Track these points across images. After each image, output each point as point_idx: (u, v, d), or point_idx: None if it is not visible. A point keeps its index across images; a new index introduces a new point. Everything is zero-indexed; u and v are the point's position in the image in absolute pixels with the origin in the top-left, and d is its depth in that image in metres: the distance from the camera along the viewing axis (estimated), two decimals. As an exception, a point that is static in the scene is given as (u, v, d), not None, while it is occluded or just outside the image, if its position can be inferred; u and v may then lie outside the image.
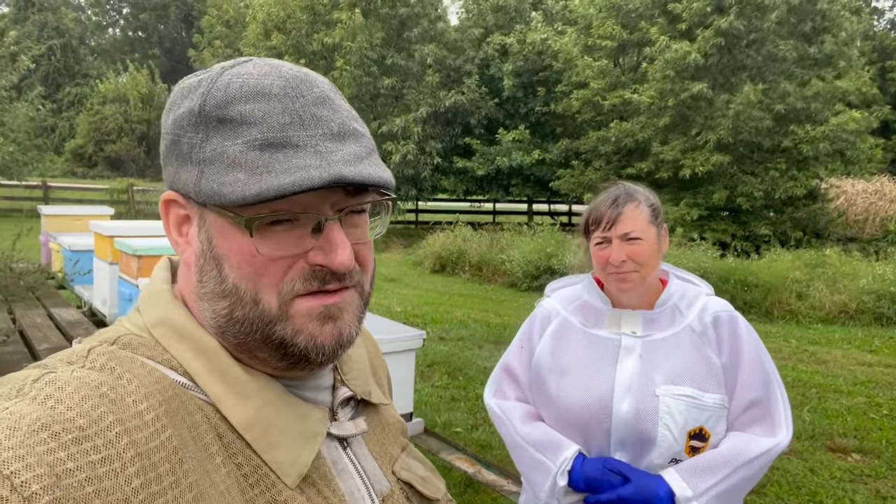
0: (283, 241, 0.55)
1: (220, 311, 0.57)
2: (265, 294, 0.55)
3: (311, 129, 0.54)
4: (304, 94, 0.55)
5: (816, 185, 14.14)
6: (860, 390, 5.35)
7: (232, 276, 0.56)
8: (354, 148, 0.56)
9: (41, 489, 0.42)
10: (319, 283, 0.56)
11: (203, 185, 0.55)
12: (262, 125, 0.53)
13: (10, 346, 4.17)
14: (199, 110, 0.55)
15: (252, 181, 0.52)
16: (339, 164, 0.53)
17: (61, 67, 33.29)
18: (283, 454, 0.57)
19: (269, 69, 0.56)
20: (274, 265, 0.55)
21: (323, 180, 0.51)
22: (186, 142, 0.56)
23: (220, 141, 0.54)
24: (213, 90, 0.55)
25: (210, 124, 0.55)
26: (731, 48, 13.63)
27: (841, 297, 8.32)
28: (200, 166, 0.55)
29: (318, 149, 0.53)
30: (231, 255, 0.56)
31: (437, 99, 16.57)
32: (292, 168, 0.52)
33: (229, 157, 0.53)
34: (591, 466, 1.37)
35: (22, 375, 0.51)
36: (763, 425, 1.36)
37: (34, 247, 8.09)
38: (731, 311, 1.43)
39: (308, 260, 0.56)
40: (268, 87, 0.54)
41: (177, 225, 0.61)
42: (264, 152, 0.53)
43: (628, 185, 1.48)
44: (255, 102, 0.54)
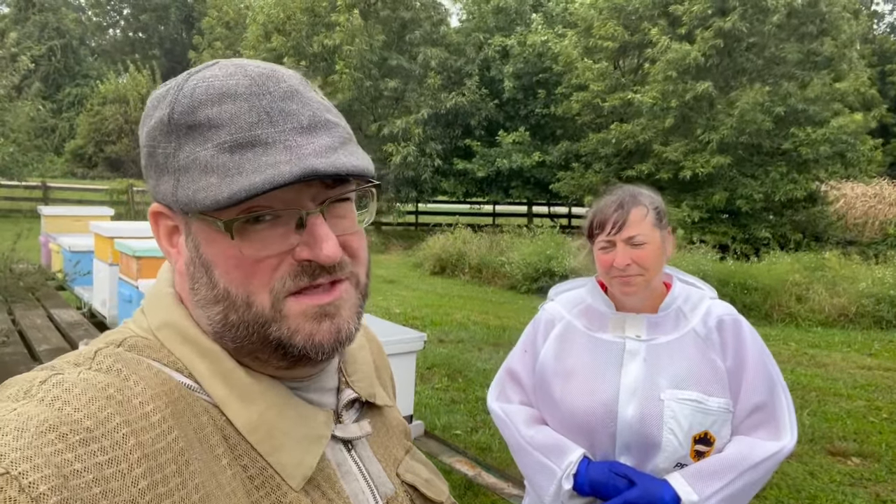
0: (267, 240, 0.55)
1: (214, 317, 0.57)
2: (257, 296, 0.55)
3: (280, 125, 0.54)
4: (271, 90, 0.55)
5: (816, 187, 14.16)
6: (860, 394, 5.35)
7: (222, 281, 0.56)
8: (326, 139, 0.55)
9: (49, 490, 0.42)
10: (309, 278, 0.56)
11: (179, 194, 0.54)
12: (230, 126, 0.53)
13: (10, 346, 4.17)
14: (169, 119, 0.55)
15: (224, 184, 0.51)
16: (309, 156, 0.52)
17: (62, 68, 33.30)
18: (288, 457, 0.57)
19: (235, 69, 0.56)
20: (261, 265, 0.55)
21: (293, 175, 0.51)
22: (161, 152, 0.56)
23: (192, 147, 0.54)
24: (179, 97, 0.55)
25: (181, 132, 0.54)
26: (730, 51, 13.65)
27: (840, 300, 8.32)
28: (176, 175, 0.55)
29: (288, 144, 0.53)
30: (218, 260, 0.56)
31: (438, 101, 16.58)
32: (262, 166, 0.51)
33: (201, 162, 0.53)
34: (596, 470, 1.36)
35: (29, 377, 0.51)
36: (768, 429, 1.36)
37: (34, 247, 8.09)
38: (735, 315, 1.43)
39: (295, 256, 0.55)
40: (233, 87, 0.54)
41: (167, 236, 0.61)
42: (234, 153, 0.52)
43: (633, 188, 1.47)
44: (222, 104, 0.53)
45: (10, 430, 0.44)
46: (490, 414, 1.60)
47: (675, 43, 13.25)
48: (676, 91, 13.28)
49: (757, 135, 13.15)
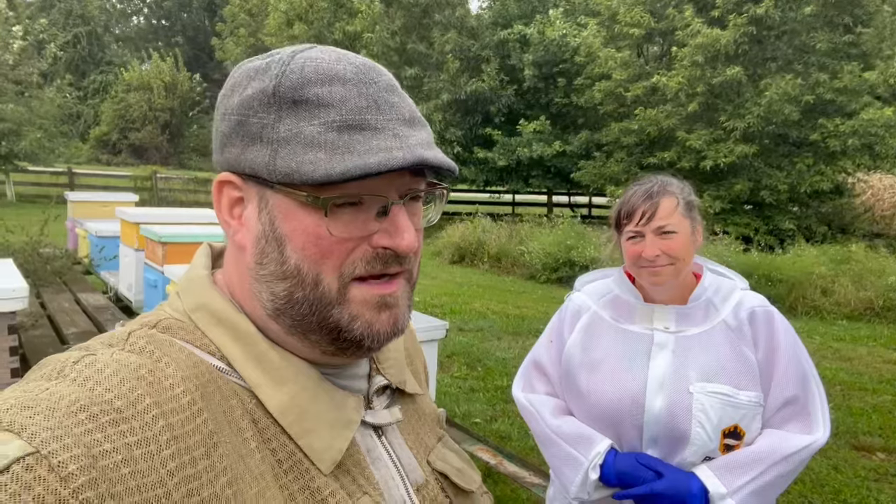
0: (351, 224, 0.56)
1: (279, 293, 0.57)
2: (326, 276, 0.56)
3: (387, 114, 0.55)
4: (376, 80, 0.57)
5: (843, 179, 13.87)
6: (886, 388, 5.26)
7: (294, 257, 0.56)
8: (425, 135, 0.58)
9: (78, 469, 0.42)
10: (382, 265, 0.57)
11: (279, 164, 0.54)
12: (339, 108, 0.54)
13: (39, 329, 4.26)
14: (273, 91, 0.55)
15: (335, 160, 0.52)
16: (417, 147, 0.55)
17: (86, 55, 33.69)
18: (318, 440, 0.57)
19: (339, 56, 0.57)
20: (339, 247, 0.56)
21: (406, 161, 0.53)
22: (256, 122, 0.56)
23: (294, 122, 0.54)
24: (287, 72, 0.55)
25: (284, 105, 0.55)
26: (760, 39, 13.39)
27: (867, 293, 8.17)
28: (273, 146, 0.55)
29: (396, 132, 0.55)
30: (295, 235, 0.56)
31: (457, 86, 16.50)
32: (374, 149, 0.53)
33: (307, 137, 0.54)
34: (623, 461, 1.35)
35: (63, 357, 0.51)
36: (799, 423, 1.33)
37: (61, 232, 8.22)
38: (768, 307, 1.40)
39: (372, 243, 0.56)
40: (342, 71, 0.55)
41: (229, 206, 0.61)
42: (343, 133, 0.53)
43: (662, 177, 1.44)
44: (332, 86, 0.55)
45: (41, 410, 0.44)
46: (515, 403, 1.59)
47: (706, 28, 13.02)
48: (704, 76, 13.05)
49: (784, 125, 12.90)
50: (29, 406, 0.45)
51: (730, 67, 12.70)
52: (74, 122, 29.58)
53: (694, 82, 13.20)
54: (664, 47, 15.64)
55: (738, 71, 12.58)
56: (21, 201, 16.89)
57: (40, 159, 17.54)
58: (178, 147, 29.76)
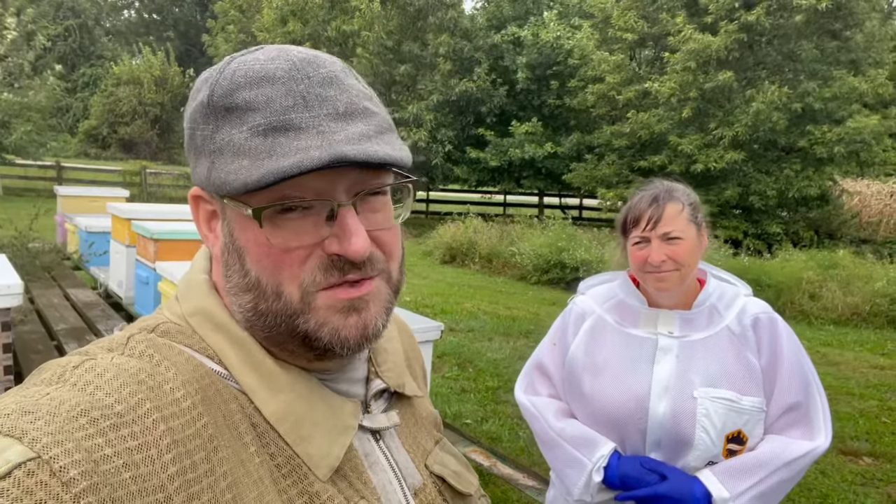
0: (298, 231, 0.54)
1: (245, 305, 0.57)
2: (287, 287, 0.55)
3: (315, 110, 0.53)
4: (310, 75, 0.54)
5: (830, 186, 14.00)
6: (872, 393, 5.32)
7: (254, 269, 0.55)
8: (361, 127, 0.54)
9: (79, 474, 0.42)
10: (339, 273, 0.55)
11: (213, 176, 0.54)
12: (265, 110, 0.52)
13: (28, 325, 4.21)
14: (208, 101, 0.55)
15: (254, 167, 0.51)
16: (341, 143, 0.51)
17: (76, 48, 33.38)
18: (315, 447, 0.57)
19: (277, 53, 0.55)
20: (290, 256, 0.54)
21: (322, 160, 0.49)
22: (200, 134, 0.56)
23: (227, 130, 0.53)
24: (220, 80, 0.55)
25: (219, 114, 0.54)
26: (752, 45, 13.49)
27: (854, 299, 8.25)
28: (211, 157, 0.55)
29: (321, 129, 0.52)
30: (250, 247, 0.55)
31: (448, 87, 16.53)
32: (293, 150, 0.50)
33: (235, 145, 0.53)
34: (627, 464, 1.36)
35: (63, 362, 0.51)
36: (801, 429, 1.35)
37: (50, 227, 8.14)
38: (771, 313, 1.41)
39: (324, 249, 0.54)
40: (272, 71, 0.53)
41: (206, 220, 0.61)
42: (267, 137, 0.52)
43: (668, 182, 1.45)
44: (259, 88, 0.53)
45: (42, 415, 0.44)
46: (507, 401, 1.59)
47: (698, 33, 13.10)
48: (696, 82, 13.13)
49: (772, 132, 13.01)
50: (30, 411, 0.45)
51: (721, 73, 12.79)
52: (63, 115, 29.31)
53: (686, 87, 13.28)
54: (657, 52, 15.72)
55: (729, 76, 12.67)
56: (8, 194, 16.70)
57: (30, 153, 17.36)
58: (167, 142, 29.53)
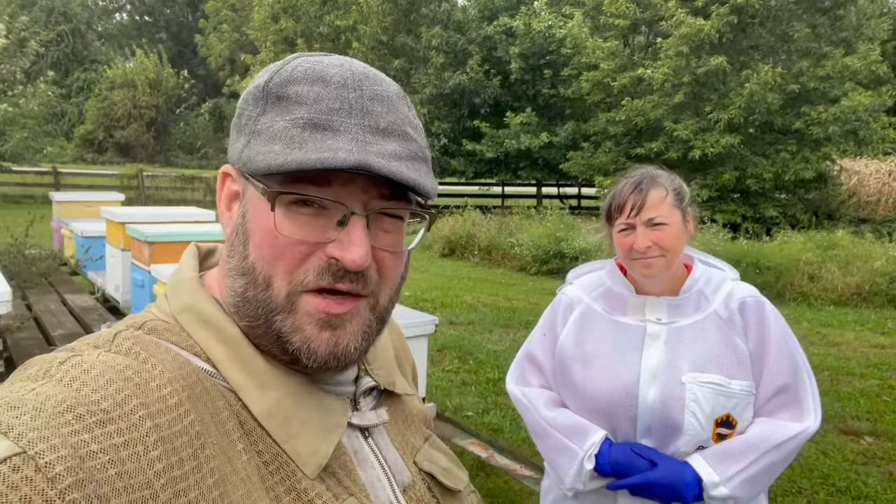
0: (307, 226, 0.55)
1: (237, 289, 0.57)
2: (277, 279, 0.55)
3: (357, 119, 0.54)
4: (364, 87, 0.56)
5: (827, 166, 13.97)
6: (873, 373, 5.32)
7: (253, 254, 0.56)
8: (397, 147, 0.55)
9: (65, 470, 0.42)
10: (332, 278, 0.55)
11: (244, 154, 0.56)
12: (311, 106, 0.54)
13: (25, 331, 4.22)
14: (264, 86, 0.57)
15: (283, 153, 0.53)
16: (371, 154, 0.52)
17: (69, 53, 33.29)
18: (303, 445, 0.57)
19: (342, 62, 0.58)
20: (292, 249, 0.55)
21: (346, 163, 0.50)
22: (247, 114, 0.58)
23: (272, 116, 0.56)
24: (281, 70, 0.58)
25: (269, 100, 0.57)
26: (744, 27, 13.43)
27: (854, 279, 8.25)
28: (249, 137, 0.57)
29: (357, 137, 0.53)
30: (256, 231, 0.56)
31: (442, 80, 16.49)
32: (323, 147, 0.52)
33: (274, 130, 0.55)
34: (618, 451, 1.37)
35: (49, 358, 0.51)
36: (791, 411, 1.35)
37: (46, 233, 8.14)
38: (758, 297, 1.41)
39: (326, 251, 0.55)
40: (331, 74, 0.56)
41: (228, 199, 0.62)
42: (305, 131, 0.53)
43: (651, 169, 1.45)
44: (313, 85, 0.55)
45: (27, 410, 0.44)
46: (506, 395, 1.60)
47: (690, 17, 13.05)
48: (689, 66, 13.09)
49: (767, 113, 12.97)
50: (15, 406, 0.44)
51: (714, 57, 12.75)
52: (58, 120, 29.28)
53: (680, 72, 13.24)
54: (650, 37, 15.66)
55: (721, 60, 12.63)
56: (5, 202, 16.70)
57: (26, 159, 17.35)
58: (164, 144, 29.50)
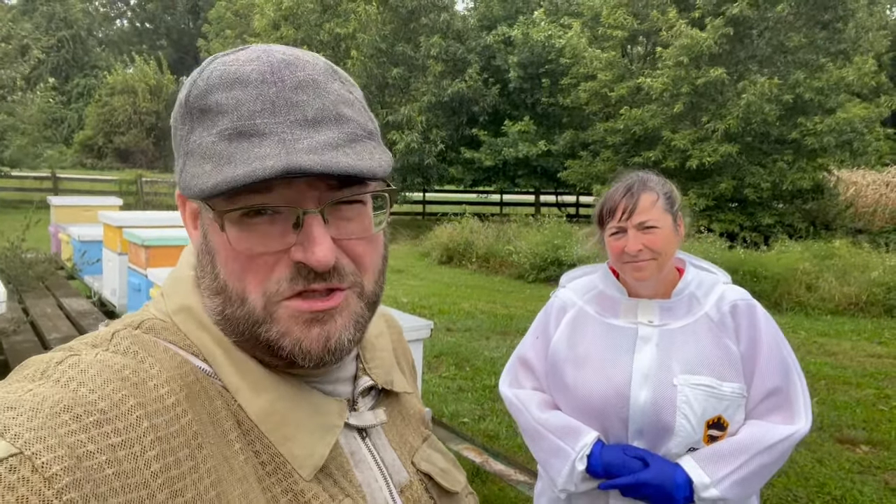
0: (264, 236, 0.52)
1: (215, 308, 0.56)
2: (251, 293, 0.54)
3: (281, 116, 0.51)
4: (285, 78, 0.52)
5: (824, 177, 14.01)
6: (869, 382, 5.32)
7: (222, 272, 0.55)
8: (329, 135, 0.52)
9: (62, 470, 0.42)
10: (304, 282, 0.53)
11: (182, 178, 0.54)
12: (233, 114, 0.51)
13: (21, 335, 4.20)
14: (185, 102, 0.55)
15: (214, 173, 0.50)
16: (300, 152, 0.49)
17: (70, 59, 33.38)
18: (299, 447, 0.56)
19: (259, 54, 0.54)
20: (256, 262, 0.53)
21: (275, 170, 0.48)
22: (178, 135, 0.56)
23: (200, 132, 0.53)
24: (198, 80, 0.54)
25: (194, 115, 0.54)
26: (742, 38, 13.51)
27: (851, 288, 8.26)
28: (184, 159, 0.54)
29: (283, 136, 0.50)
30: (220, 249, 0.55)
31: (440, 88, 16.56)
32: (251, 158, 0.49)
33: (203, 148, 0.52)
34: (610, 452, 1.37)
35: (47, 358, 0.51)
36: (782, 413, 1.36)
37: (44, 237, 8.14)
38: (749, 300, 1.42)
39: (291, 256, 0.53)
40: (247, 73, 0.52)
41: (192, 219, 0.60)
42: (232, 142, 0.51)
43: (642, 173, 1.46)
44: (231, 90, 0.52)
45: (24, 411, 0.44)
46: (502, 400, 1.60)
47: (688, 28, 13.13)
48: (688, 77, 13.15)
49: (764, 124, 13.03)
50: (12, 407, 0.44)
51: (713, 69, 12.81)
52: (58, 126, 29.31)
53: (678, 83, 13.30)
54: (648, 47, 15.74)
55: (721, 72, 12.69)
56: (4, 206, 16.69)
57: (25, 164, 17.37)
58: (163, 150, 29.50)
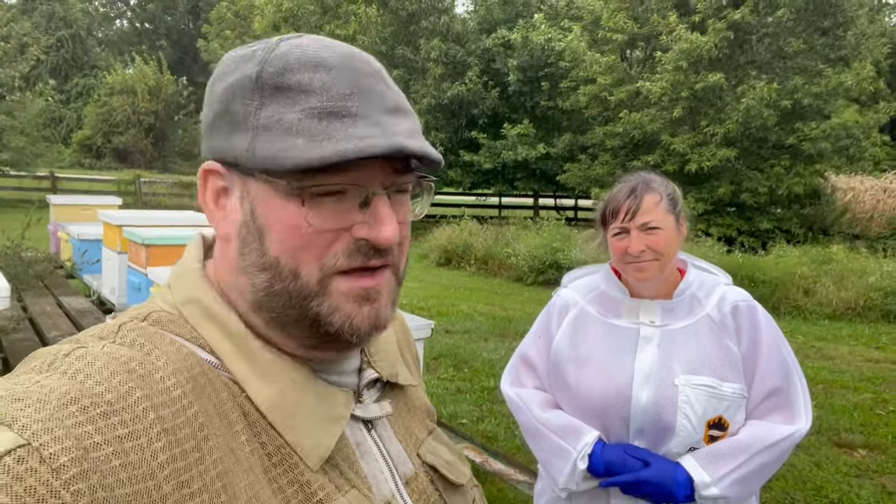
0: (332, 214, 0.55)
1: (259, 285, 0.57)
2: (306, 268, 0.55)
3: (370, 102, 0.55)
4: (360, 67, 0.56)
5: (819, 182, 14.05)
6: (866, 386, 5.33)
7: (274, 248, 0.55)
8: (408, 125, 0.57)
9: (69, 461, 0.42)
10: (363, 258, 0.56)
11: (258, 151, 0.54)
12: (321, 94, 0.54)
13: (21, 333, 4.20)
14: (257, 77, 0.55)
15: (311, 147, 0.52)
16: (399, 135, 0.54)
17: (69, 58, 33.34)
18: (307, 437, 0.57)
19: (324, 43, 0.57)
20: (319, 238, 0.55)
21: (384, 149, 0.52)
22: (240, 109, 0.56)
23: (276, 108, 0.54)
24: (270, 58, 0.55)
25: (266, 92, 0.55)
26: (741, 43, 13.55)
27: (848, 293, 8.28)
28: (254, 132, 0.55)
29: (377, 120, 0.54)
30: (275, 225, 0.55)
31: (440, 91, 16.58)
32: (352, 137, 0.52)
33: (286, 124, 0.53)
34: (611, 452, 1.38)
35: (54, 350, 0.51)
36: (782, 413, 1.36)
37: (43, 236, 8.12)
38: (750, 301, 1.43)
39: (353, 234, 0.56)
40: (326, 58, 0.55)
41: (214, 196, 0.60)
42: (322, 121, 0.53)
43: (645, 174, 1.47)
44: (314, 72, 0.54)
45: (31, 402, 0.44)
46: (503, 400, 1.60)
47: (688, 33, 13.16)
48: (687, 82, 13.19)
49: (763, 128, 13.07)
50: (20, 398, 0.45)
51: (712, 73, 12.85)
52: (57, 126, 29.27)
53: (678, 87, 13.33)
54: (647, 51, 15.78)
55: (720, 77, 12.73)
56: (2, 206, 16.67)
57: (25, 164, 17.33)
58: (162, 151, 29.47)
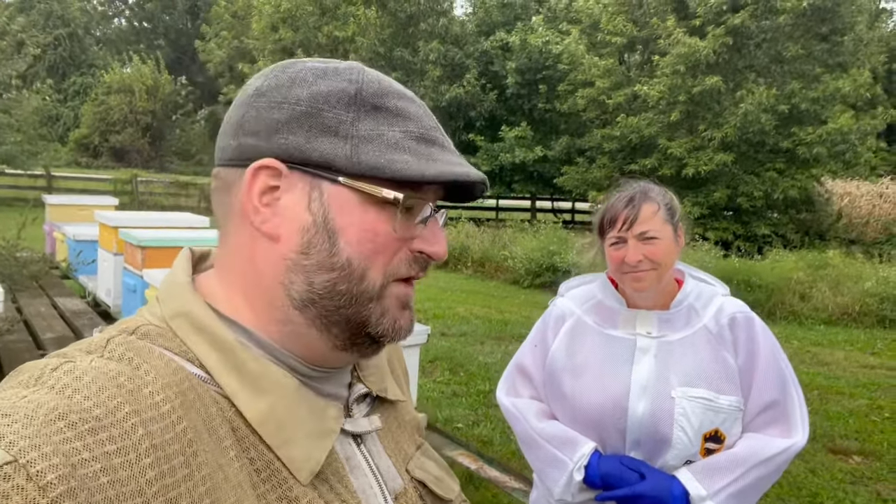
0: (408, 226, 0.60)
1: (318, 283, 0.58)
2: (373, 272, 0.59)
3: (442, 133, 0.64)
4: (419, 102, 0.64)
5: (814, 187, 14.09)
6: (862, 392, 5.34)
7: (347, 250, 0.58)
8: None
9: (57, 478, 0.41)
10: (418, 268, 0.62)
11: (363, 158, 0.58)
12: (417, 122, 0.61)
13: (15, 334, 4.18)
14: (356, 93, 0.60)
15: (420, 164, 0.58)
16: (469, 165, 0.62)
17: (67, 57, 33.25)
18: (297, 451, 0.56)
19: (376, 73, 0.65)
20: (390, 246, 0.60)
21: (478, 177, 0.60)
22: (332, 116, 0.59)
23: (374, 125, 0.59)
24: (366, 80, 0.61)
25: (363, 108, 0.59)
26: (740, 48, 13.58)
27: (844, 299, 8.30)
28: (353, 141, 0.58)
29: (454, 151, 0.63)
30: (350, 229, 0.58)
31: (438, 93, 16.58)
32: (448, 162, 0.60)
33: (389, 140, 0.59)
34: (607, 463, 1.37)
35: (41, 364, 0.50)
36: (779, 427, 1.36)
37: (38, 236, 8.09)
38: (748, 313, 1.42)
39: (411, 247, 0.61)
40: (408, 93, 0.63)
41: (260, 193, 0.59)
42: (420, 144, 0.60)
43: (644, 183, 1.46)
44: (406, 102, 0.62)
45: (19, 418, 0.43)
46: (496, 406, 1.60)
47: (686, 37, 13.19)
48: (684, 85, 13.21)
49: (760, 133, 13.10)
50: (7, 413, 0.44)
51: (709, 77, 12.87)
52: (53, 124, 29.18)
53: (675, 91, 13.35)
54: (645, 55, 15.81)
55: (717, 80, 12.75)
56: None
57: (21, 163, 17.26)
58: (159, 150, 29.41)
